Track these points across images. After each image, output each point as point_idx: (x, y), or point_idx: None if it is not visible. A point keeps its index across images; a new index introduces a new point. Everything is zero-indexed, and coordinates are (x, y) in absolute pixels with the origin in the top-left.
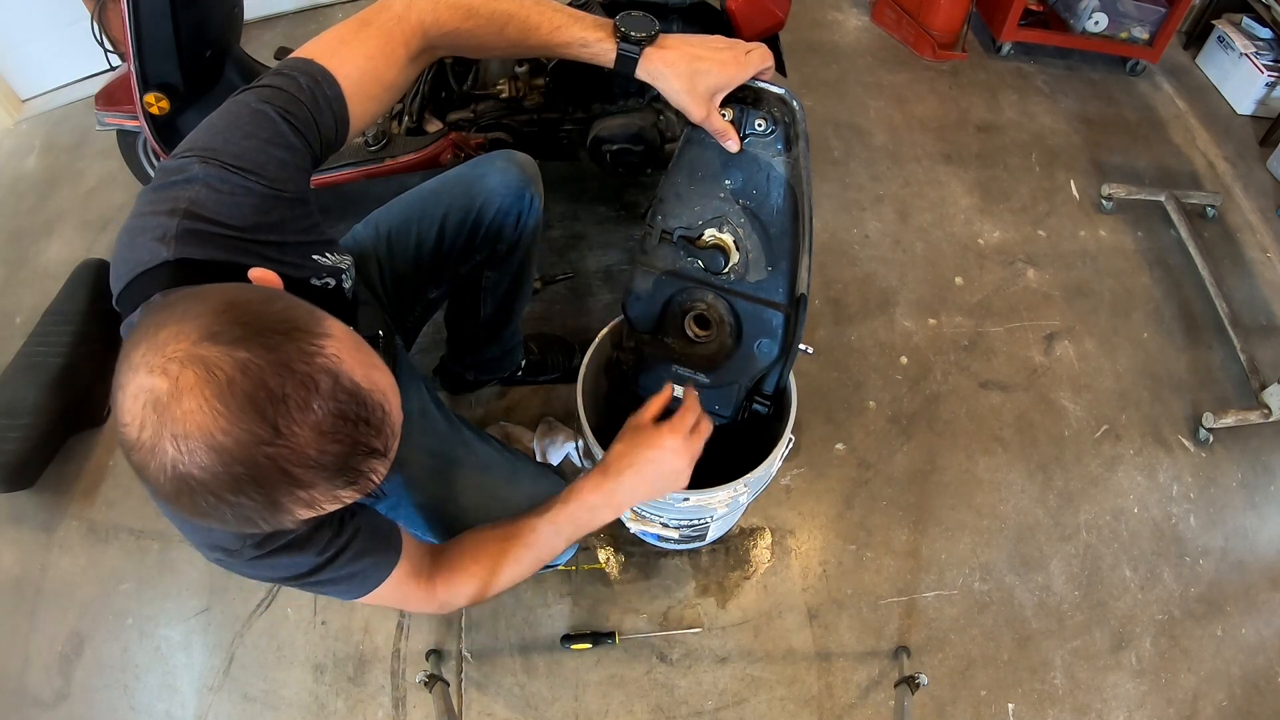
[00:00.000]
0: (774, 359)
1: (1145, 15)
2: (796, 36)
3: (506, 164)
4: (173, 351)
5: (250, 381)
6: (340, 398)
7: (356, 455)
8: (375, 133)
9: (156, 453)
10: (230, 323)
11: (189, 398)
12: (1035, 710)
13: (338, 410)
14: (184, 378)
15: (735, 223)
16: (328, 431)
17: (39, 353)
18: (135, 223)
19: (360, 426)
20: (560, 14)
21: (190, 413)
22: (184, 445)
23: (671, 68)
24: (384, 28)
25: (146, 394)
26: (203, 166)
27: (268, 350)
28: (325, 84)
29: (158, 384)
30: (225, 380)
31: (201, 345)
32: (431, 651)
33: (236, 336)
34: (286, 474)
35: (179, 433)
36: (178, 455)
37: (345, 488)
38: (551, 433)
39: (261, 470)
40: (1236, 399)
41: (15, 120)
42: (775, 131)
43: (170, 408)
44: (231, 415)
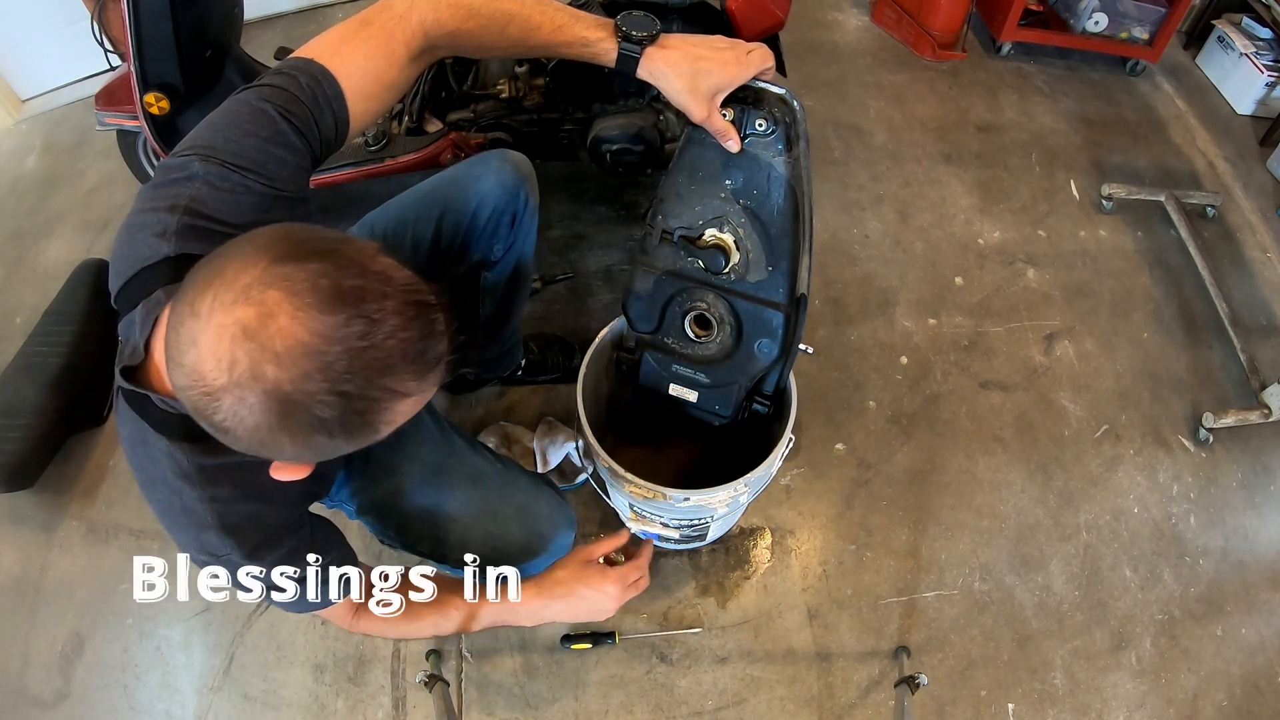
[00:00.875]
0: (774, 359)
1: (1145, 15)
2: (796, 36)
3: (501, 164)
4: (246, 281)
5: (330, 284)
6: (408, 285)
7: (433, 338)
8: (375, 133)
9: (255, 383)
10: (291, 244)
11: (280, 315)
12: (1035, 710)
13: (409, 298)
14: (269, 298)
15: (736, 223)
16: (410, 317)
17: (39, 353)
18: (135, 219)
19: (429, 310)
20: (562, 13)
21: (285, 327)
22: (287, 361)
23: (673, 67)
24: (385, 27)
25: (232, 328)
26: (203, 164)
27: (336, 256)
28: (325, 83)
29: (243, 313)
30: (309, 289)
31: (274, 267)
32: (431, 651)
33: (303, 252)
34: (385, 367)
35: (279, 350)
36: (280, 374)
37: (427, 374)
38: (552, 433)
39: (362, 367)
40: (1236, 399)
41: (15, 120)
42: (776, 131)
43: (263, 330)
44: (324, 318)
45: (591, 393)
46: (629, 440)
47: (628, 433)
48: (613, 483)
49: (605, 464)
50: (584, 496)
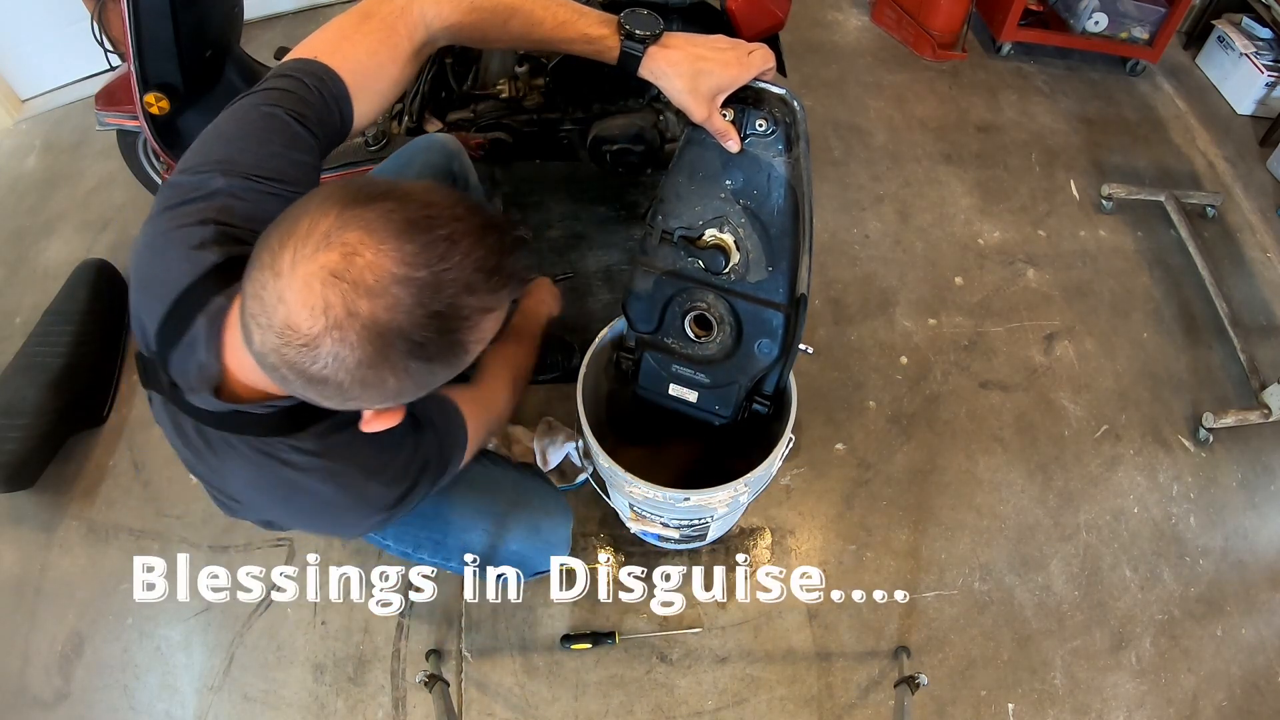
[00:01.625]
0: (774, 359)
1: (1145, 15)
2: (796, 36)
3: (428, 145)
4: (324, 229)
5: (403, 217)
6: (475, 207)
7: (504, 252)
8: (375, 133)
9: (354, 318)
10: (353, 191)
11: (365, 250)
12: (1035, 710)
13: (477, 219)
14: (348, 238)
15: (736, 223)
16: (480, 235)
17: (39, 353)
18: (160, 240)
19: (497, 227)
20: (565, 9)
21: (372, 261)
22: (380, 291)
23: (674, 67)
24: (386, 21)
25: (320, 271)
26: (226, 179)
27: (399, 192)
28: (330, 82)
29: (328, 257)
30: (384, 223)
31: (346, 211)
32: (431, 651)
33: (367, 195)
34: (467, 283)
35: (370, 283)
36: (374, 306)
37: (503, 288)
38: (551, 433)
39: (446, 283)
40: (1236, 399)
41: (15, 120)
42: (776, 132)
43: (349, 269)
44: (406, 246)
45: (591, 393)
46: (629, 440)
47: (627, 433)
48: (613, 483)
49: (606, 464)
50: (584, 496)
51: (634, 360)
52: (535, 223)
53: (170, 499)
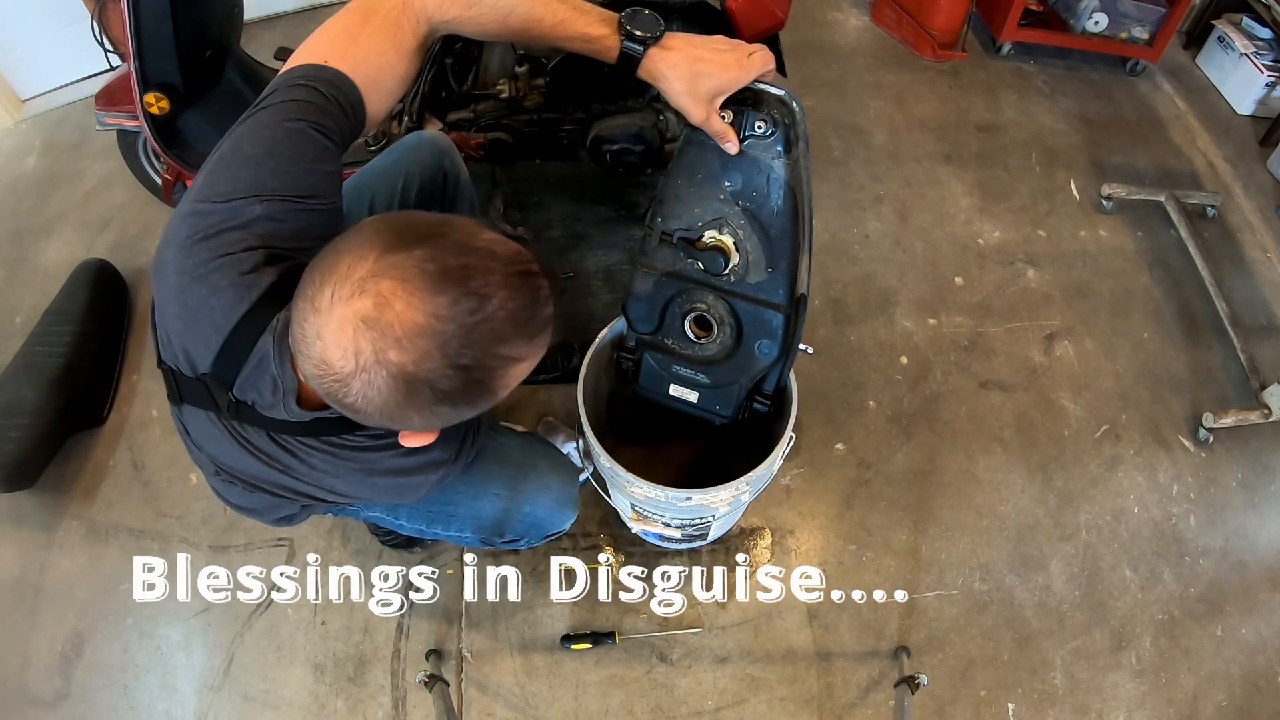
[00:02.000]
0: (774, 359)
1: (1145, 15)
2: (796, 36)
3: (418, 143)
4: (361, 274)
5: (437, 267)
6: (510, 258)
7: (539, 303)
8: (375, 133)
9: (381, 365)
10: (396, 233)
11: (396, 302)
12: (1035, 710)
13: (513, 270)
14: (383, 288)
15: (735, 224)
16: (516, 288)
17: (39, 353)
18: (204, 270)
19: (533, 279)
20: (565, 7)
21: (402, 313)
22: (407, 344)
23: (673, 69)
24: (390, 18)
25: (354, 317)
26: (264, 206)
27: (440, 239)
28: (345, 89)
29: (361, 305)
30: (418, 275)
31: (384, 259)
32: (431, 651)
33: (409, 239)
34: (497, 336)
35: (399, 335)
36: (403, 357)
37: (537, 336)
38: (552, 433)
39: (477, 341)
40: (1236, 399)
41: (15, 120)
42: (775, 133)
43: (382, 317)
44: (437, 299)
45: (592, 393)
46: (629, 440)
47: (628, 432)
48: (614, 483)
49: (607, 464)
50: (584, 496)
51: (634, 361)
52: (535, 223)
53: (170, 499)
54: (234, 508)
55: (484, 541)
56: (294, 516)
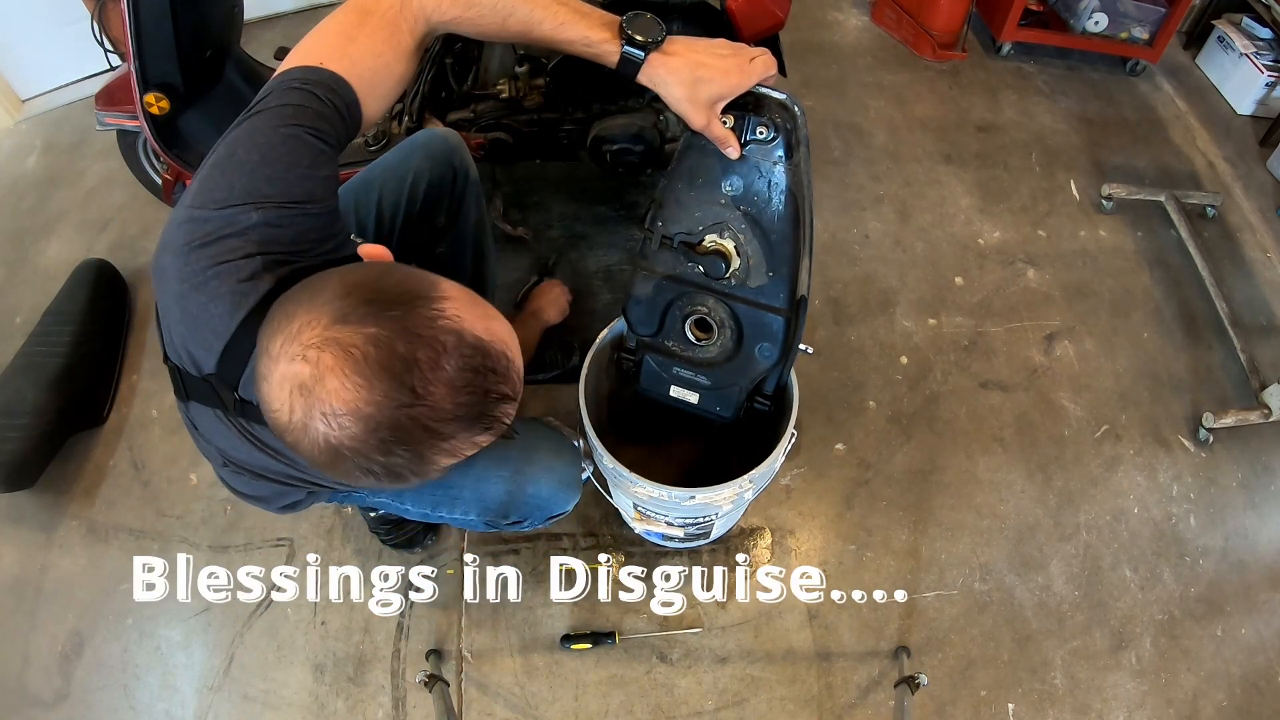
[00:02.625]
0: (774, 362)
1: (1145, 15)
2: (796, 36)
3: (429, 139)
4: (308, 338)
5: (383, 352)
6: (466, 353)
7: (489, 402)
8: (375, 133)
9: (309, 431)
10: (356, 303)
11: (331, 377)
12: (1035, 710)
13: (465, 364)
14: (323, 360)
15: (736, 228)
16: (460, 386)
17: (39, 353)
18: (202, 278)
19: (489, 376)
20: (565, 9)
21: (334, 390)
22: (333, 420)
23: (674, 75)
24: (387, 18)
25: (291, 380)
26: (260, 213)
27: (393, 321)
28: (341, 92)
29: (300, 370)
30: (360, 356)
31: (333, 328)
32: (431, 651)
33: (364, 314)
34: (429, 430)
35: (327, 410)
36: (329, 430)
37: (482, 433)
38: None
39: (406, 430)
40: (1236, 399)
41: (15, 120)
42: (777, 138)
43: (315, 389)
44: (371, 386)
45: (592, 393)
46: (629, 440)
47: (628, 432)
48: (616, 483)
49: (610, 465)
50: (585, 496)
51: (635, 362)
52: (535, 223)
53: (170, 499)
54: (241, 496)
55: (488, 524)
56: (299, 503)
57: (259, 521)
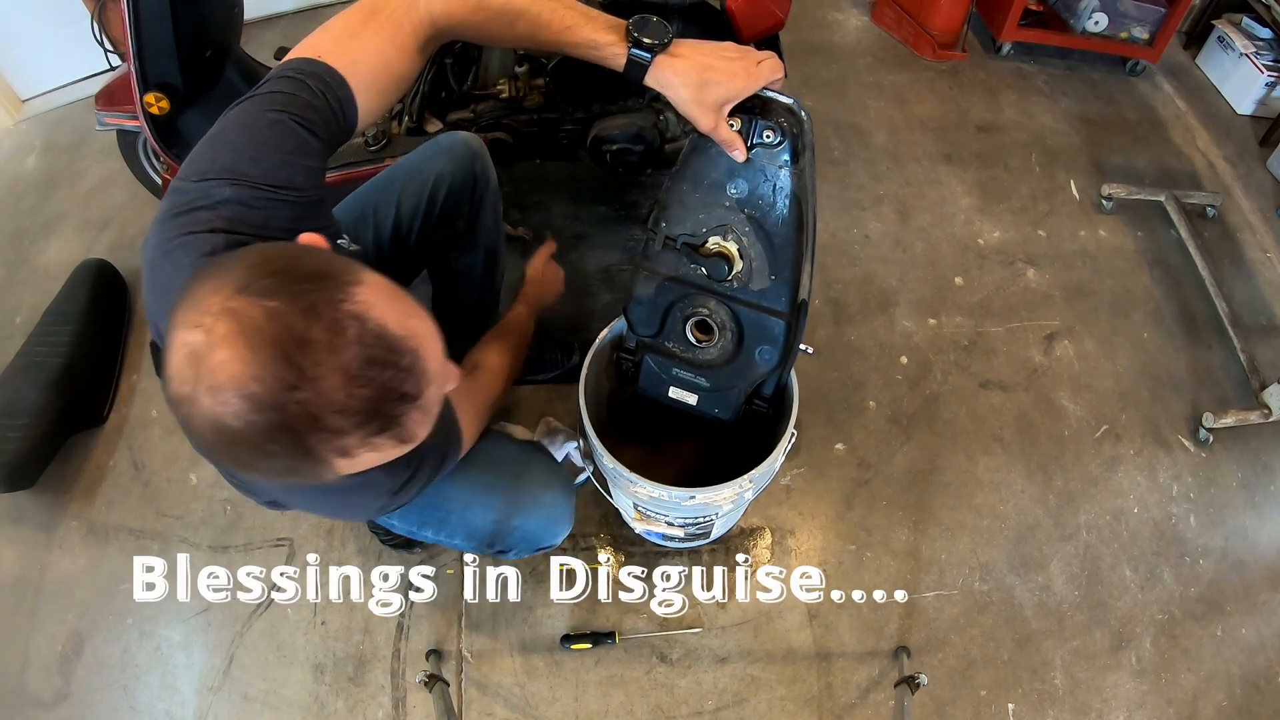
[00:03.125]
0: (774, 365)
1: (1145, 15)
2: (796, 36)
3: (451, 143)
4: (208, 305)
5: (278, 327)
6: (367, 341)
7: (386, 400)
8: (375, 133)
9: (196, 405)
10: (263, 274)
11: (222, 348)
12: (1035, 710)
13: (365, 355)
14: (217, 329)
15: (740, 231)
16: (355, 375)
17: (39, 353)
18: (170, 246)
19: (388, 370)
20: (572, 12)
21: (223, 363)
22: (218, 395)
23: (681, 77)
24: (393, 18)
25: (185, 348)
26: (234, 189)
27: (296, 298)
28: (335, 85)
29: (194, 338)
30: (254, 328)
31: (234, 298)
32: (431, 651)
33: (268, 287)
34: (316, 420)
35: (213, 383)
36: (213, 405)
37: (378, 435)
38: (552, 433)
39: (291, 417)
40: (1236, 399)
41: (15, 120)
42: (783, 143)
43: (205, 359)
44: (259, 361)
45: (592, 393)
46: (629, 440)
47: (628, 432)
48: (616, 483)
49: (610, 465)
50: (584, 496)
51: (634, 362)
52: (535, 223)
53: (170, 499)
54: (235, 485)
55: (475, 549)
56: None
57: (259, 521)
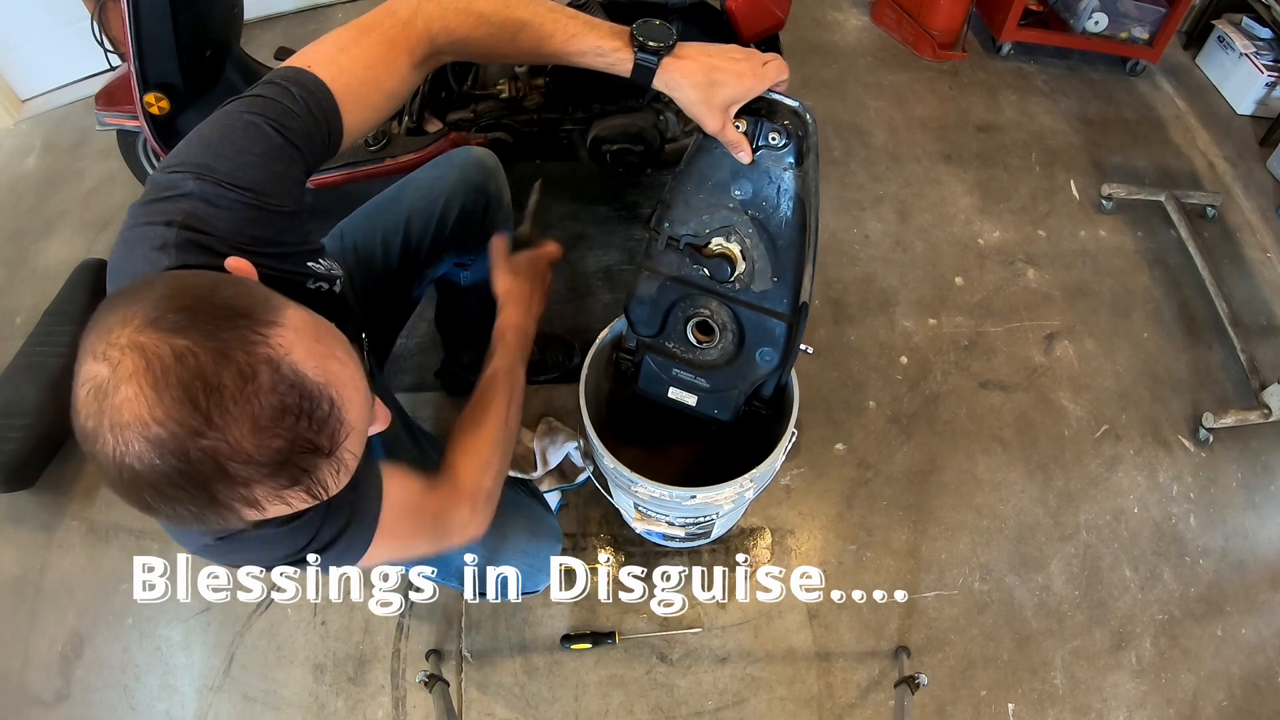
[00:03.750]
0: (774, 366)
1: (1145, 15)
2: (796, 36)
3: (464, 161)
4: (116, 338)
5: (186, 370)
6: (280, 389)
7: (297, 452)
8: (375, 132)
9: (99, 442)
10: (175, 309)
11: (126, 385)
12: (1035, 710)
13: (277, 403)
14: (123, 365)
15: (743, 233)
16: (265, 425)
17: (39, 353)
18: (130, 234)
19: (302, 421)
20: (575, 21)
21: (126, 400)
22: (120, 435)
23: (688, 78)
24: (387, 34)
25: (91, 381)
26: (197, 183)
27: (208, 338)
28: (319, 96)
29: (100, 371)
30: (160, 368)
31: (144, 332)
32: (431, 651)
33: (179, 323)
34: (222, 470)
35: (116, 421)
36: (116, 445)
37: (289, 488)
38: (552, 433)
39: (196, 465)
40: (1236, 399)
41: (15, 120)
42: (788, 145)
43: (109, 396)
44: (164, 405)
45: (593, 393)
46: (630, 440)
47: (629, 432)
48: (617, 483)
49: (611, 465)
50: (584, 496)
51: (634, 362)
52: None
53: None
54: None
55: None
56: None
57: None
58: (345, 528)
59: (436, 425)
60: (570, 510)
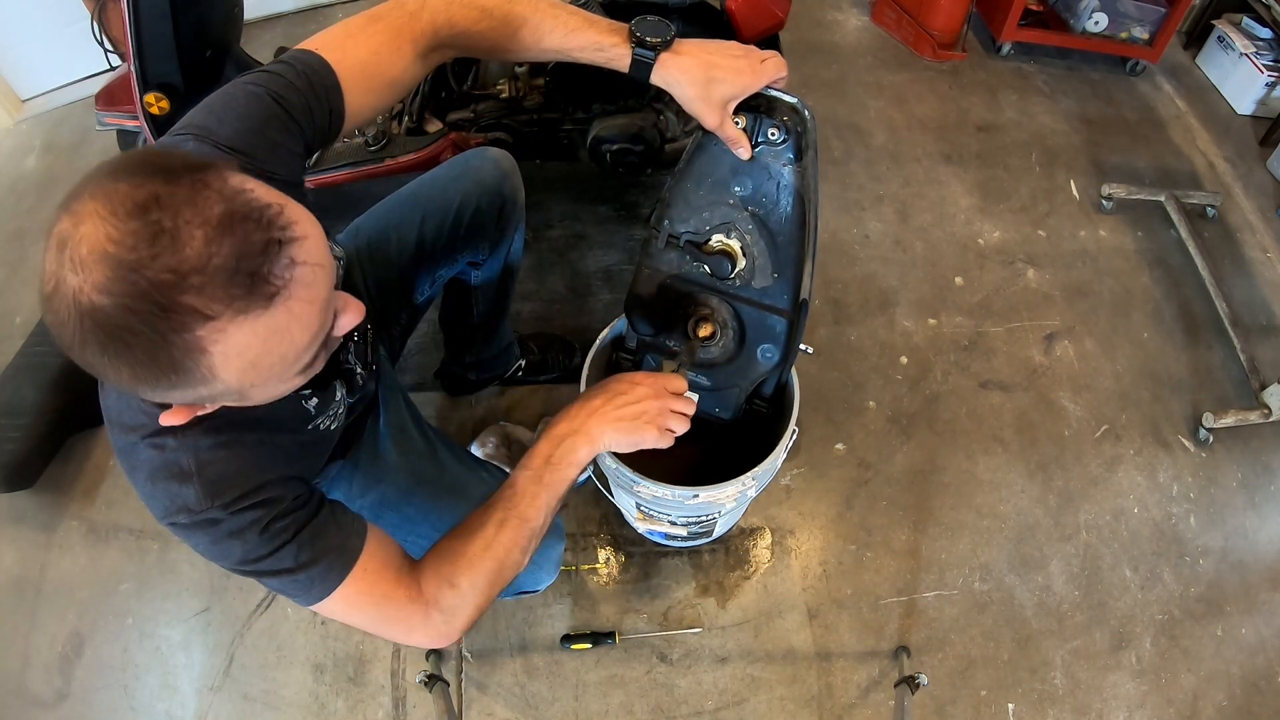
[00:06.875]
0: (775, 364)
1: (1145, 15)
2: (796, 36)
3: (481, 162)
4: (79, 190)
5: (145, 194)
6: (228, 194)
7: (249, 250)
8: (375, 133)
9: (61, 291)
10: (139, 161)
11: (86, 222)
12: (1035, 710)
13: (227, 209)
14: (85, 208)
15: (743, 229)
16: (216, 225)
17: (39, 353)
18: None
19: (250, 223)
20: (575, 17)
21: (86, 234)
22: (81, 268)
23: (687, 74)
24: (394, 24)
25: (54, 240)
26: (196, 144)
27: (171, 174)
28: (322, 74)
29: (61, 225)
30: (119, 200)
31: (103, 181)
32: (431, 651)
33: (141, 168)
34: (180, 279)
35: (77, 257)
36: (78, 281)
37: (245, 298)
38: None
39: (149, 279)
40: (1236, 399)
41: (15, 120)
42: (788, 141)
43: (71, 237)
44: (121, 224)
45: None
46: None
47: None
48: (618, 483)
49: (612, 465)
50: (585, 496)
51: (634, 361)
52: (535, 223)
53: None
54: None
55: None
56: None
57: None
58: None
59: (436, 426)
60: (570, 510)
